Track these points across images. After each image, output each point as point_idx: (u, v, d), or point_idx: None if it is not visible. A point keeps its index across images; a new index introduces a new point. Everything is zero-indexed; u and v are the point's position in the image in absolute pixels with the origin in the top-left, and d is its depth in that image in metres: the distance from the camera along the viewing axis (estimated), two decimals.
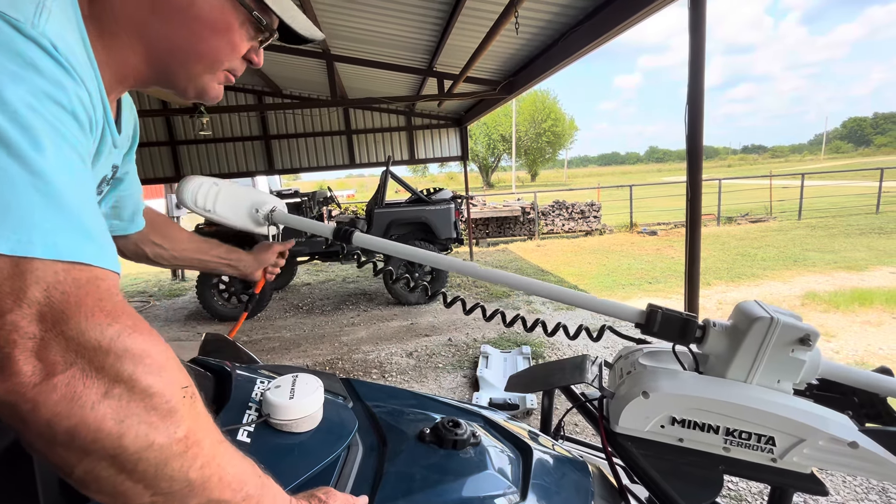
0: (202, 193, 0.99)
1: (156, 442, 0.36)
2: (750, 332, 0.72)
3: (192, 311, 5.93)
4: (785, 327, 0.70)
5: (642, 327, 0.80)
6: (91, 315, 0.35)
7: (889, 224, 9.62)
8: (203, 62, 0.57)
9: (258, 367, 0.80)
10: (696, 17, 2.34)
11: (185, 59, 0.56)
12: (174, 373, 0.39)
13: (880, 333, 3.96)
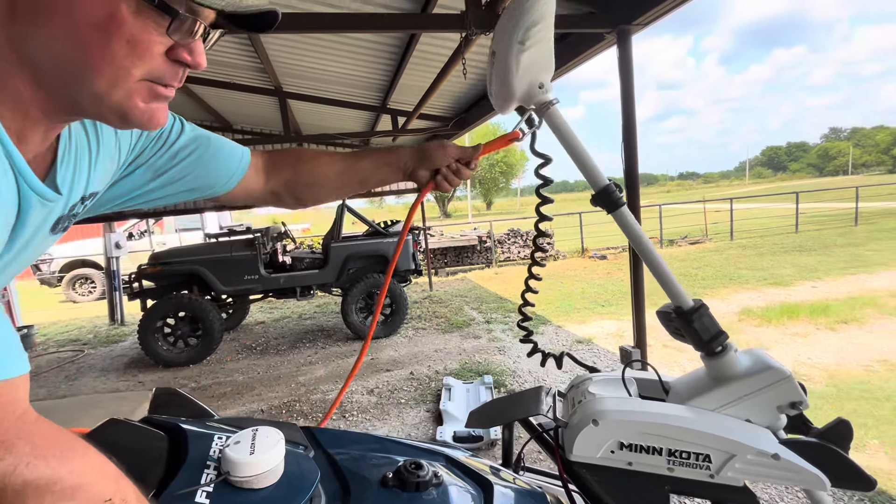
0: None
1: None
2: (759, 375, 0.79)
3: (133, 357, 5.52)
4: (791, 388, 0.77)
5: (683, 315, 0.83)
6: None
7: (807, 242, 10.62)
8: (103, 74, 0.44)
9: (215, 421, 0.78)
10: (625, 62, 2.58)
11: (79, 73, 0.44)
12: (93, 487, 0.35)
13: (808, 344, 4.31)
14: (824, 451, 0.76)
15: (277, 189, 0.87)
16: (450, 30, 2.38)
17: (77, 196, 0.60)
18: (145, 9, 0.43)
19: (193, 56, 0.48)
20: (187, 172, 0.74)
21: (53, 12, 0.41)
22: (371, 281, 5.40)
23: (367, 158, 0.89)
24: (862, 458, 2.51)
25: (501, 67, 0.81)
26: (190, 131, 0.74)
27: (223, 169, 0.79)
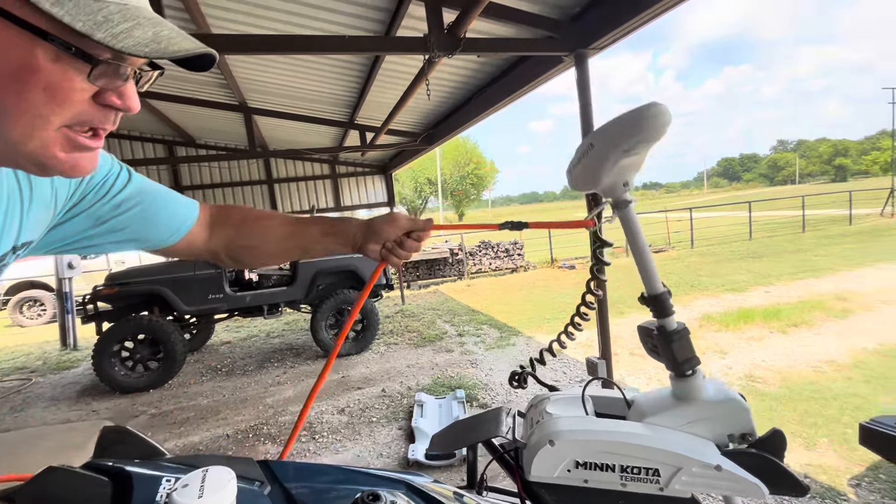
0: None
1: None
2: (722, 402, 0.84)
3: (86, 385, 5.22)
4: (747, 420, 0.83)
5: (665, 335, 0.87)
6: None
7: (760, 249, 11.21)
8: (18, 123, 0.42)
9: (164, 461, 0.76)
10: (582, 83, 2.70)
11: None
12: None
13: (762, 348, 4.53)
14: (762, 460, 0.81)
15: (216, 248, 0.85)
16: (413, 52, 2.43)
17: (7, 246, 0.58)
18: (65, 56, 0.41)
19: (123, 100, 0.47)
20: (129, 224, 0.72)
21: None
22: (341, 297, 5.33)
23: (315, 227, 0.87)
24: (813, 456, 2.65)
25: (597, 160, 0.84)
26: (136, 183, 0.73)
27: (167, 224, 0.77)
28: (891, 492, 2.28)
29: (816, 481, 2.42)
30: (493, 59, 3.46)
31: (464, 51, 2.39)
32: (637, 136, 0.78)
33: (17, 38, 0.39)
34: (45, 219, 0.64)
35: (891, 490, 2.29)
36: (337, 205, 8.64)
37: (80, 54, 0.41)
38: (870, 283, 6.73)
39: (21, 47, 0.40)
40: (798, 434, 2.91)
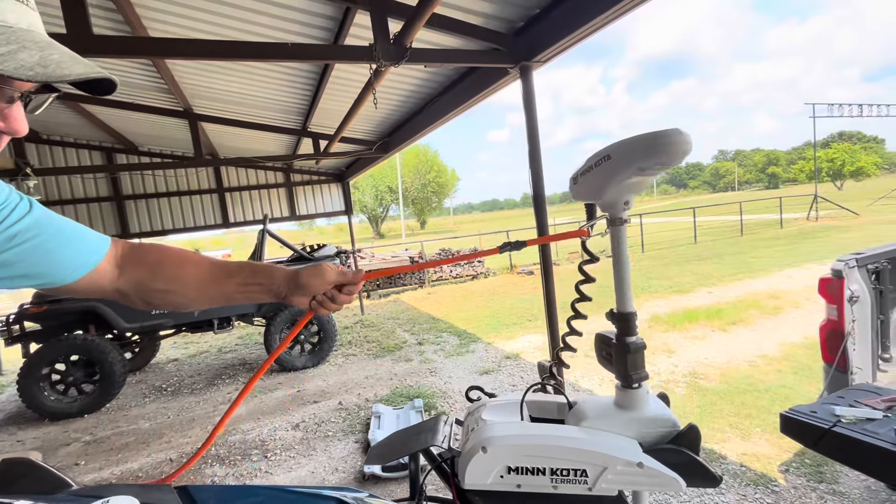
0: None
1: None
2: (659, 419, 0.88)
3: (10, 412, 4.78)
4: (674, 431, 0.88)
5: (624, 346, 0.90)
6: None
7: (704, 252, 11.90)
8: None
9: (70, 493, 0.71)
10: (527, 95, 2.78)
11: None
12: None
13: (704, 345, 4.80)
14: (680, 455, 0.86)
15: (126, 288, 0.78)
16: (359, 61, 2.42)
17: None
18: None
19: (8, 122, 0.46)
20: (23, 258, 0.65)
21: None
22: (295, 308, 5.17)
23: (239, 275, 0.82)
24: (748, 445, 2.82)
25: (609, 172, 0.84)
26: (36, 215, 0.67)
27: (68, 261, 0.70)
28: (814, 475, 2.46)
29: (751, 469, 2.57)
30: (442, 70, 3.51)
31: (410, 60, 2.41)
32: (657, 158, 0.79)
33: None
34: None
35: (815, 473, 2.47)
36: (292, 213, 8.42)
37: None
38: (798, 281, 7.29)
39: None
40: (735, 426, 3.09)
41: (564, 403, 1.00)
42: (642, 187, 0.88)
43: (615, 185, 0.85)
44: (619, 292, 0.94)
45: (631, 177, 0.83)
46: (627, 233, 0.94)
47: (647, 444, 0.88)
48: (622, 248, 0.92)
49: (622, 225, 0.91)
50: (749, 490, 2.40)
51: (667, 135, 0.78)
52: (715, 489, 2.45)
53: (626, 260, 0.93)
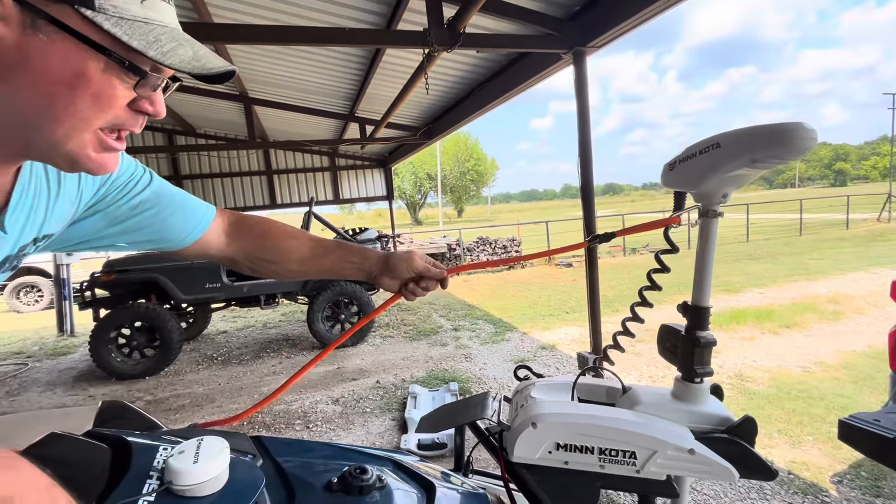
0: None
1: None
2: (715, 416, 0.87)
3: (82, 370, 5.24)
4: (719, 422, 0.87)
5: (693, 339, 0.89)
6: None
7: (757, 251, 11.27)
8: (62, 125, 0.47)
9: (162, 433, 0.79)
10: (580, 81, 2.72)
11: (39, 124, 0.46)
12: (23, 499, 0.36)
13: (753, 348, 4.58)
14: (734, 446, 0.85)
15: (236, 256, 0.89)
16: (412, 46, 2.44)
17: (29, 237, 0.61)
18: (113, 66, 0.46)
19: (154, 106, 0.53)
20: (145, 225, 0.75)
21: (23, 71, 0.44)
22: (338, 289, 5.35)
23: (334, 253, 0.91)
24: (797, 453, 2.70)
25: (714, 161, 0.80)
26: (156, 187, 0.76)
27: (181, 227, 0.80)
28: (871, 488, 2.33)
29: (800, 478, 2.47)
30: (492, 55, 3.48)
31: (463, 46, 2.41)
32: (773, 151, 0.74)
33: (75, 51, 0.45)
34: (68, 213, 0.67)
35: (871, 487, 2.34)
36: (336, 197, 8.65)
37: (131, 67, 0.47)
38: (863, 286, 6.78)
39: (77, 59, 0.45)
40: (784, 432, 2.96)
41: (615, 388, 1.00)
42: (746, 181, 0.83)
43: (718, 176, 0.82)
44: (697, 285, 0.91)
45: (739, 168, 0.79)
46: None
47: (698, 434, 0.88)
48: (710, 241, 0.89)
49: (715, 218, 0.87)
50: (797, 498, 2.31)
51: (789, 127, 0.74)
52: (759, 494, 2.37)
53: (712, 254, 0.90)
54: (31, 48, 0.43)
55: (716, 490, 2.43)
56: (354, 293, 5.41)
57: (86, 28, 0.44)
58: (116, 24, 0.45)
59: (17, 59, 0.43)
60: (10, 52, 0.43)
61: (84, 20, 0.44)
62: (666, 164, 0.96)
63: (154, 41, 0.47)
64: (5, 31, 0.43)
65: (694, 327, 0.91)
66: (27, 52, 0.43)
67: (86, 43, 0.44)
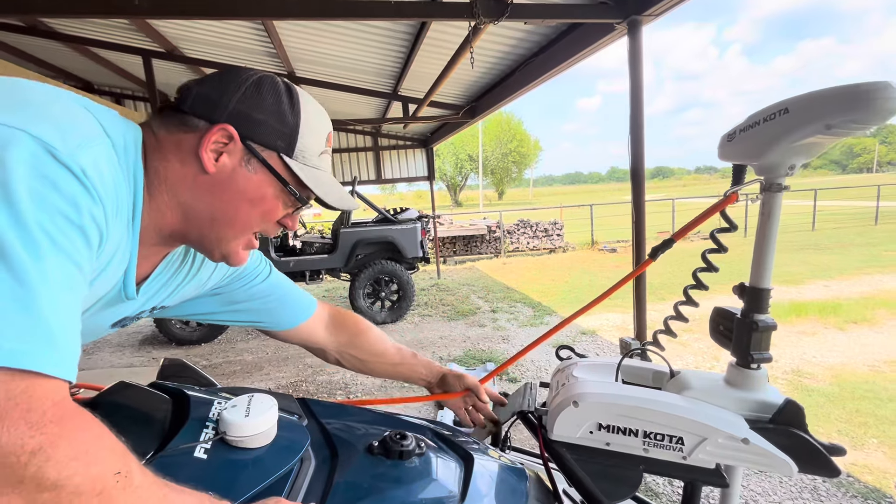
0: None
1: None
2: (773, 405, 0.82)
3: (147, 335, 5.69)
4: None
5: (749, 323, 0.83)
6: (13, 427, 0.35)
7: (823, 241, 10.43)
8: (234, 229, 0.62)
9: (216, 389, 0.84)
10: (635, 54, 2.56)
11: (218, 225, 0.61)
12: (105, 462, 0.40)
13: (814, 343, 4.28)
14: (792, 437, 0.79)
15: (329, 347, 1.00)
16: (458, 18, 2.38)
17: (150, 305, 0.72)
18: (285, 195, 0.63)
19: (292, 223, 0.68)
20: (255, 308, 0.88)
21: (227, 190, 0.60)
22: (378, 267, 5.47)
23: (407, 364, 1.06)
24: (858, 455, 2.52)
25: (780, 130, 0.73)
26: (273, 279, 0.89)
27: (284, 318, 0.92)
28: None
29: (860, 481, 2.31)
30: (541, 27, 3.34)
31: (511, 17, 2.32)
32: (852, 115, 0.67)
33: (266, 181, 0.61)
34: (190, 294, 0.79)
35: None
36: (378, 176, 8.76)
37: (300, 199, 0.64)
38: None
39: (264, 186, 0.61)
40: (845, 433, 2.77)
41: (662, 372, 0.96)
42: (818, 150, 0.75)
43: (785, 145, 0.74)
44: (757, 265, 0.84)
45: (811, 135, 0.71)
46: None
47: (754, 423, 0.83)
48: (773, 218, 0.81)
49: (780, 192, 0.79)
50: (856, 502, 2.17)
51: (874, 87, 0.65)
52: (813, 495, 2.25)
53: (774, 232, 0.82)
54: (239, 175, 0.60)
55: (764, 487, 2.32)
56: (394, 272, 5.50)
57: (280, 168, 0.61)
58: (301, 169, 0.62)
59: (225, 181, 0.59)
60: (224, 175, 0.59)
61: (282, 163, 0.61)
62: (724, 135, 0.88)
63: (321, 185, 0.64)
64: (228, 161, 0.59)
65: (752, 310, 0.85)
66: (235, 177, 0.59)
67: (278, 179, 0.61)
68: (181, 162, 0.58)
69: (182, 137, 0.58)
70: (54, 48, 5.05)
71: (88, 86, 6.78)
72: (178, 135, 0.58)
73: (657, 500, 2.26)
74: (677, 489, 2.33)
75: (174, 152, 0.58)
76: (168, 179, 0.58)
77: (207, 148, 0.57)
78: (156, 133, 0.59)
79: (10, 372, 0.37)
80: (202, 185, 0.59)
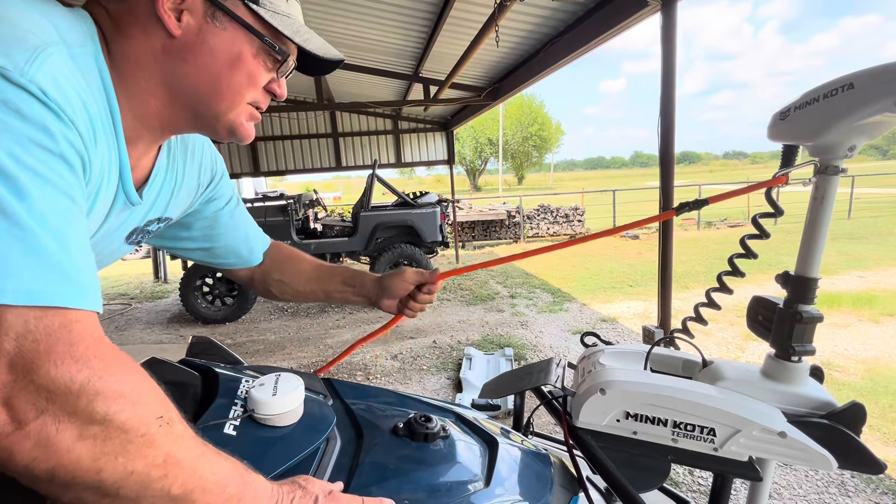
0: None
1: (135, 471, 0.39)
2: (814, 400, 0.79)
3: (174, 313, 5.88)
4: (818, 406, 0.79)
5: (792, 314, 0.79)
6: (61, 362, 0.36)
7: (859, 230, 9.98)
8: (225, 99, 0.57)
9: (243, 367, 0.85)
10: (668, 31, 2.45)
11: (206, 98, 0.56)
12: (149, 405, 0.41)
13: (847, 335, 4.13)
14: (834, 432, 0.76)
15: (254, 274, 0.95)
16: None
17: (155, 214, 0.70)
18: (263, 52, 0.57)
19: (281, 89, 0.63)
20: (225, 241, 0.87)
21: (200, 53, 0.54)
22: (398, 251, 5.49)
23: (337, 277, 0.95)
24: (890, 451, 2.44)
25: (843, 107, 0.68)
26: (241, 209, 0.90)
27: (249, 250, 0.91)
28: None
29: (891, 477, 2.24)
30: (569, 4, 3.22)
31: None
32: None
33: (239, 38, 0.55)
34: (184, 206, 0.77)
35: None
36: (398, 160, 8.73)
37: (279, 51, 0.58)
38: None
39: (239, 44, 0.55)
40: (877, 428, 2.68)
41: (693, 361, 0.93)
42: (884, 130, 0.70)
43: (848, 123, 0.69)
44: (805, 253, 0.80)
45: (878, 114, 0.66)
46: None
47: (791, 416, 0.80)
48: (827, 203, 0.76)
49: (836, 175, 0.75)
50: (885, 499, 2.10)
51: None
52: (841, 490, 2.19)
53: (827, 218, 0.78)
54: (207, 34, 0.54)
55: (789, 480, 2.27)
56: (414, 255, 5.52)
57: (249, 18, 0.55)
58: (272, 17, 0.56)
59: (195, 42, 0.53)
60: (190, 37, 0.53)
61: (249, 12, 0.55)
62: (776, 113, 0.83)
63: (296, 32, 0.58)
64: (190, 20, 0.53)
65: (796, 300, 0.81)
66: (204, 37, 0.54)
67: (250, 30, 0.55)
68: (143, 32, 0.52)
69: (134, 2, 0.52)
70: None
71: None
72: (130, 1, 0.52)
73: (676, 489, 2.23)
74: (698, 479, 2.30)
75: (132, 24, 0.52)
76: (137, 58, 0.53)
77: (165, 6, 0.51)
78: (106, 7, 0.52)
79: (41, 310, 0.36)
80: (173, 53, 0.53)
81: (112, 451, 0.38)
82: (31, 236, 0.36)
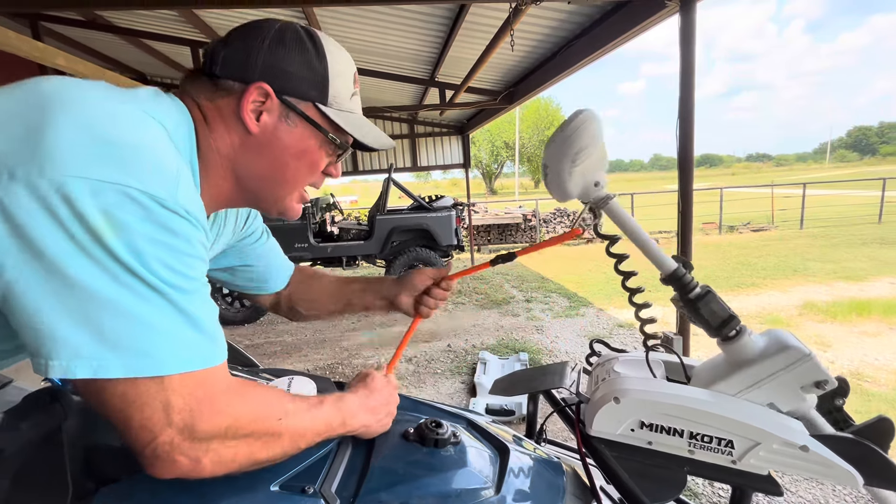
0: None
1: (275, 455, 0.54)
2: (777, 356, 0.78)
3: None
4: (813, 366, 0.76)
5: (689, 303, 0.85)
6: (210, 418, 0.48)
7: (891, 234, 9.61)
8: (287, 186, 0.65)
9: (258, 370, 0.86)
10: (687, 32, 2.41)
11: (270, 184, 0.64)
12: (272, 412, 0.54)
13: (877, 344, 3.98)
14: (860, 447, 0.73)
15: (281, 299, 0.99)
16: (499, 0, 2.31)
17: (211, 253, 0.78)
18: (326, 144, 0.65)
19: (336, 171, 0.71)
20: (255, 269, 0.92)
21: (273, 148, 0.62)
22: (413, 254, 5.51)
23: (355, 284, 1.00)
24: None
25: (556, 178, 0.84)
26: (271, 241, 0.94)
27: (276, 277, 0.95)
28: None
29: None
30: (585, 7, 3.20)
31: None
32: (575, 147, 0.79)
33: (307, 134, 0.63)
34: (220, 248, 0.83)
35: None
36: (414, 164, 8.78)
37: (340, 145, 0.66)
38: None
39: (307, 139, 0.63)
40: None
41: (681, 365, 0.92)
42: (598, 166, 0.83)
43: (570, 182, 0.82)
44: (652, 260, 0.87)
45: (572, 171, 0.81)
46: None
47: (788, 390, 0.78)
48: (625, 219, 0.86)
49: (608, 204, 0.84)
50: None
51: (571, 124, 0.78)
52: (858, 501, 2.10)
53: (638, 229, 0.86)
54: (281, 131, 0.61)
55: (814, 494, 2.19)
56: (429, 259, 5.53)
57: (317, 118, 0.63)
58: (336, 115, 0.63)
59: (270, 139, 0.61)
60: (267, 133, 0.61)
61: (318, 112, 0.62)
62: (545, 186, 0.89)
63: (358, 128, 0.66)
64: (269, 119, 0.60)
65: (683, 293, 0.85)
66: (278, 134, 0.61)
67: (318, 128, 0.63)
68: (227, 129, 0.60)
69: (221, 103, 0.60)
70: (110, 41, 5.32)
71: (142, 76, 7.12)
72: (218, 101, 0.60)
73: (696, 501, 2.18)
74: (717, 491, 2.24)
75: (219, 120, 0.60)
76: (220, 150, 0.61)
77: (248, 109, 0.59)
78: (198, 103, 0.60)
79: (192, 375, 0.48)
80: (250, 147, 0.61)
81: (258, 450, 0.53)
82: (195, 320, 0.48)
